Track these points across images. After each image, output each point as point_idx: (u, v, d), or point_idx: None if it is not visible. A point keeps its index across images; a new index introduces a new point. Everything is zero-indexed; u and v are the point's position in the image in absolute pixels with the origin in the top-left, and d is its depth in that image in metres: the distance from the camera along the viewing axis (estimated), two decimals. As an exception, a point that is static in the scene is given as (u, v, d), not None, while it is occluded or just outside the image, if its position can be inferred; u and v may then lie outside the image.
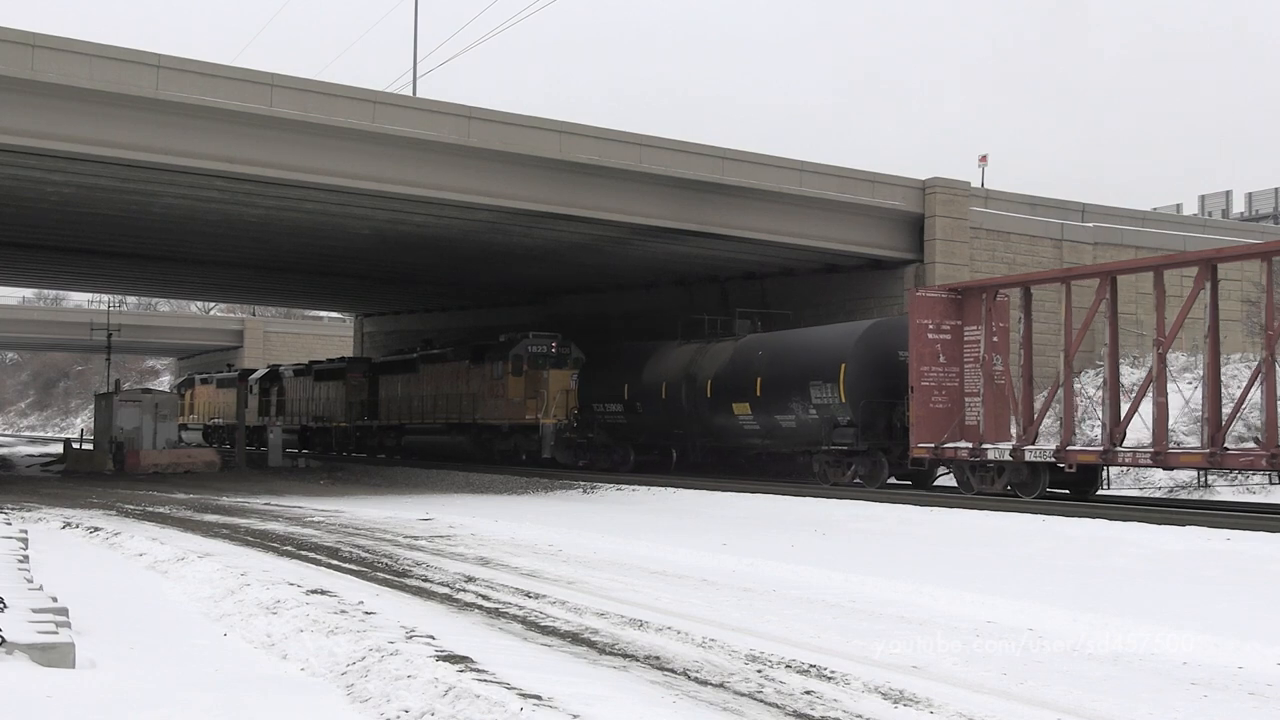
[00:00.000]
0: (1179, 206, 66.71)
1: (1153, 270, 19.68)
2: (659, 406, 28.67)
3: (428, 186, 24.35)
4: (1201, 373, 19.16)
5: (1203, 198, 71.58)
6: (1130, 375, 25.61)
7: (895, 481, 23.37)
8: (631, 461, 30.53)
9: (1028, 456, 19.85)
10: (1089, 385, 25.73)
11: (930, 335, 21.78)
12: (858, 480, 23.52)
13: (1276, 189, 68.13)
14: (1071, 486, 20.54)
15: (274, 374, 51.03)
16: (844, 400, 23.26)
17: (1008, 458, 20.22)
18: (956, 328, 21.95)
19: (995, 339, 21.52)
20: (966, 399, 21.71)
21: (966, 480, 21.21)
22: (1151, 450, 18.32)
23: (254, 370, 54.86)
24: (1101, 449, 19.22)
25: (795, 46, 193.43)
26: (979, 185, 33.15)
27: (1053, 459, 19.58)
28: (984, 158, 34.89)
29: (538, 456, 31.42)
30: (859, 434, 23.14)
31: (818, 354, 24.29)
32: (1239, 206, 70.05)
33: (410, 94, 30.45)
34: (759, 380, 25.39)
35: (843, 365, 23.35)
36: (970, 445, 20.99)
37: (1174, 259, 20.54)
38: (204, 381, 59.53)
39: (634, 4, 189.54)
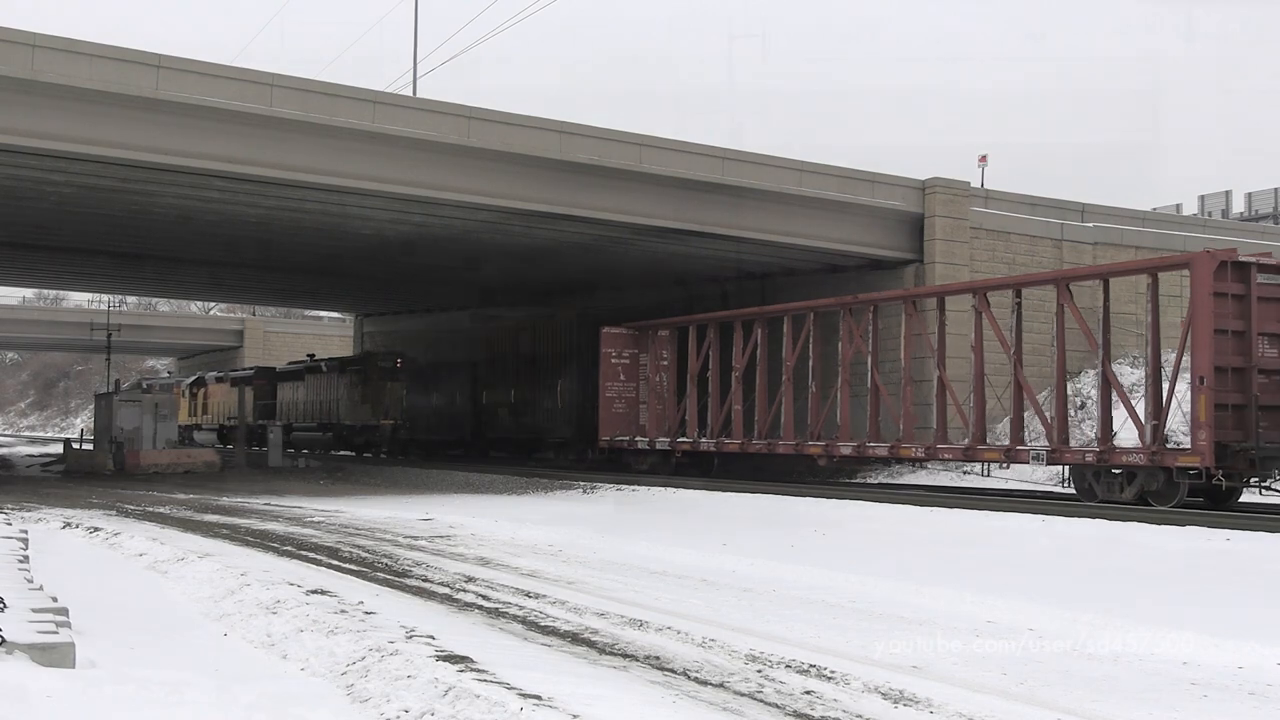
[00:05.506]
0: (1179, 206, 66.61)
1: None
2: (455, 410, 39.52)
3: (428, 186, 24.33)
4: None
5: (1203, 198, 71.43)
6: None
7: (891, 482, 23.64)
8: (447, 454, 39.87)
9: (658, 445, 28.63)
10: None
11: (614, 360, 30.14)
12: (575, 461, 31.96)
13: (1276, 189, 67.98)
14: (698, 469, 28.06)
15: (200, 380, 59.31)
16: (561, 406, 32.55)
17: (647, 446, 28.88)
18: (634, 355, 30.26)
19: (664, 362, 29.99)
20: (641, 406, 30.04)
21: (629, 463, 29.67)
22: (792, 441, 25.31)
23: (188, 377, 64.59)
24: (691, 440, 27.85)
25: (794, 47, 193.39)
26: (979, 185, 33.08)
27: (670, 447, 28.14)
28: (984, 158, 34.78)
29: (379, 450, 41.37)
30: (573, 430, 32.03)
31: (547, 374, 33.51)
32: (1239, 206, 69.96)
33: (410, 94, 30.42)
34: (512, 391, 35.46)
35: (559, 382, 32.55)
36: (628, 438, 29.48)
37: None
38: (148, 388, 69.04)
39: (634, 4, 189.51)
